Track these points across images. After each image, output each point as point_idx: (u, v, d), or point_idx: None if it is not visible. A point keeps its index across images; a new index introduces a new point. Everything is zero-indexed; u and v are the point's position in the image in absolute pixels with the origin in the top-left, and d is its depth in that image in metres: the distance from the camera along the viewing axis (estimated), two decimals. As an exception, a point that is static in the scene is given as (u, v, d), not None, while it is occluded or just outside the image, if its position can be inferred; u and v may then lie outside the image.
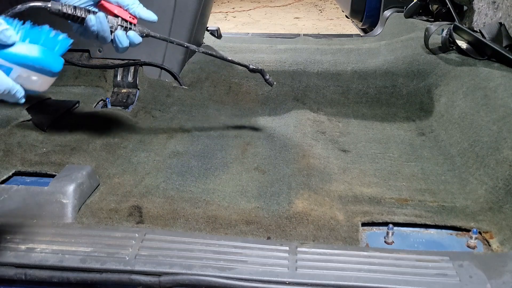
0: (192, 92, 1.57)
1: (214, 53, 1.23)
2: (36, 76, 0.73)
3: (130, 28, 0.96)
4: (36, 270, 0.74)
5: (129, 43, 0.97)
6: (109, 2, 0.94)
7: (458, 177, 1.08)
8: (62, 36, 0.74)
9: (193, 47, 1.14)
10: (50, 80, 0.77)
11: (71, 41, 0.76)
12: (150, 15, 0.98)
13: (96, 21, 0.90)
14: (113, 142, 1.24)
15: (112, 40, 0.94)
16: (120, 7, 0.95)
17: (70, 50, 1.87)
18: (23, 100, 0.71)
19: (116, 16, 0.94)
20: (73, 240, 0.80)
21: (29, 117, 1.30)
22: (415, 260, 0.76)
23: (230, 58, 1.22)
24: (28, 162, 1.10)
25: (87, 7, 0.92)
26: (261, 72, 1.23)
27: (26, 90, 0.71)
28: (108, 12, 0.94)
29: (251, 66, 1.21)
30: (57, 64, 0.75)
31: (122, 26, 0.95)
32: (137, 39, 0.98)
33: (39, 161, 1.11)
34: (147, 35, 1.01)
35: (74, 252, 0.77)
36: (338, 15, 5.09)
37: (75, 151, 1.16)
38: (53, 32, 0.73)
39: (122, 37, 0.94)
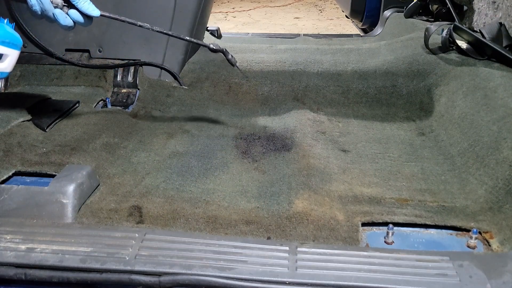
0: (192, 92, 1.57)
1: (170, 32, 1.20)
2: (5, 51, 0.90)
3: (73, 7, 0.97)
4: (36, 270, 0.74)
5: (73, 23, 0.99)
6: None
7: (458, 177, 1.08)
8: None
9: (146, 25, 1.11)
10: (16, 56, 0.94)
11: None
12: (92, 10, 0.99)
13: (37, 1, 0.92)
14: (113, 142, 1.24)
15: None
16: None
17: (70, 50, 1.87)
18: None
19: None
20: (73, 240, 0.80)
21: (29, 117, 1.30)
22: (415, 260, 0.76)
23: (187, 38, 1.21)
24: (28, 162, 1.10)
25: None
26: (223, 51, 1.22)
27: None
28: None
29: (211, 46, 1.20)
30: (19, 37, 0.93)
31: (66, 6, 0.96)
32: (79, 18, 0.98)
33: (39, 161, 1.11)
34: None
35: (74, 252, 0.77)
36: (338, 15, 5.09)
37: (75, 151, 1.16)
38: None
39: (61, 16, 0.96)
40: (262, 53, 1.84)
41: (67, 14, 0.97)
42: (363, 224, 0.92)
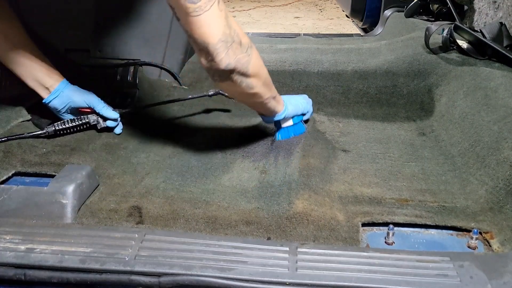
0: (192, 92, 1.57)
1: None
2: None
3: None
4: (35, 270, 0.74)
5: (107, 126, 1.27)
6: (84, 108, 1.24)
7: (459, 177, 1.08)
8: None
9: None
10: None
11: None
12: (112, 115, 1.25)
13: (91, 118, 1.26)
14: (113, 143, 1.24)
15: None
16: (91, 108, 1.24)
17: (70, 50, 1.86)
18: None
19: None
20: (73, 240, 0.80)
21: (29, 117, 1.30)
22: (416, 261, 0.76)
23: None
24: (28, 163, 1.10)
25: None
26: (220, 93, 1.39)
27: None
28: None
29: (210, 93, 1.40)
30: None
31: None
32: (119, 130, 1.30)
33: (39, 162, 1.11)
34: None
35: (74, 252, 0.77)
36: (338, 15, 5.08)
37: (75, 151, 1.16)
38: None
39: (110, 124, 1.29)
40: (262, 52, 1.83)
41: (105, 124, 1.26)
42: (364, 225, 0.92)
